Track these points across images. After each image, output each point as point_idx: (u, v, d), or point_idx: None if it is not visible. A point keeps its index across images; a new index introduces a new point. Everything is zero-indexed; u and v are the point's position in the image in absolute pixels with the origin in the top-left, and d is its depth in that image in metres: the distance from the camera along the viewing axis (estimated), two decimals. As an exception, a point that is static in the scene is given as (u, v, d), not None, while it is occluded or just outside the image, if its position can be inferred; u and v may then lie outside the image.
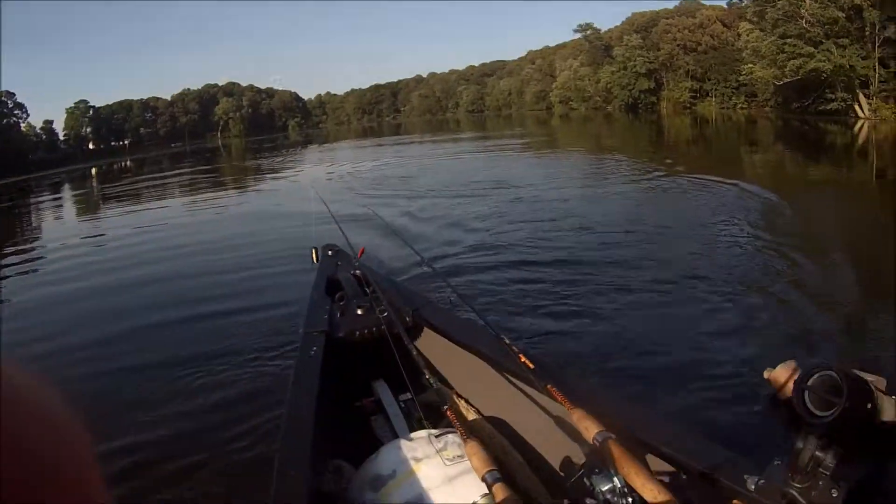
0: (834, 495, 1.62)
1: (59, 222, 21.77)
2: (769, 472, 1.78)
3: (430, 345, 3.64)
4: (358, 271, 4.35)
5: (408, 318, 3.67)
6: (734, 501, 1.90)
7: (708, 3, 66.36)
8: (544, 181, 15.82)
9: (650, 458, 2.24)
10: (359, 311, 3.74)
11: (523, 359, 2.75)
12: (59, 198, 32.00)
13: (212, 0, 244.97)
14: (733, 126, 38.67)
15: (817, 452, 1.61)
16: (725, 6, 64.05)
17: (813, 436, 1.63)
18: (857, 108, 29.08)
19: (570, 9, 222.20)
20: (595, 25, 77.20)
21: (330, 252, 4.97)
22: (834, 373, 1.81)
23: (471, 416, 3.21)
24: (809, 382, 1.91)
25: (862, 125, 27.12)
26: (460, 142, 38.64)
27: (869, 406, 2.69)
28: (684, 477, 2.18)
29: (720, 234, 9.12)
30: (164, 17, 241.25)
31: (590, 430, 2.10)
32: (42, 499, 0.33)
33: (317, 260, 4.76)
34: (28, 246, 15.97)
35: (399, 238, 6.30)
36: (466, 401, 3.36)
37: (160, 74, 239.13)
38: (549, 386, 2.46)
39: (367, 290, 4.06)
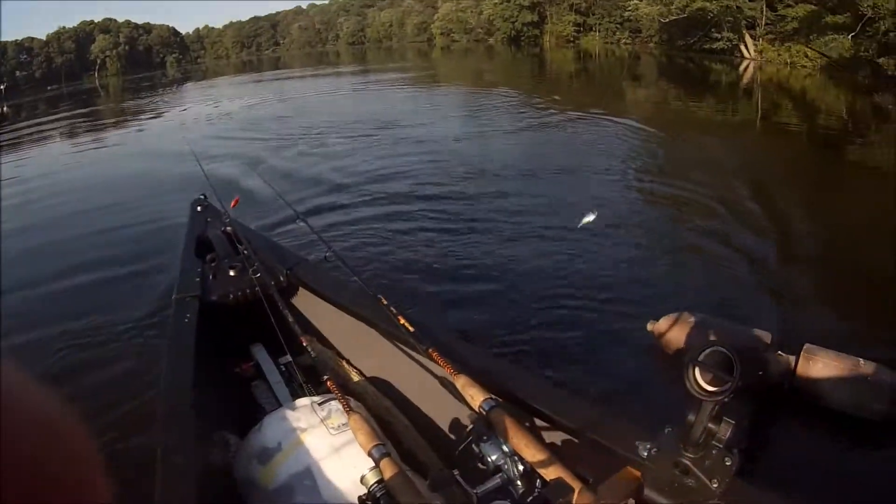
0: (728, 464, 1.61)
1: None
2: (661, 440, 1.72)
3: (307, 305, 3.59)
4: (229, 228, 4.18)
5: (282, 278, 3.59)
6: (626, 468, 1.88)
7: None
8: (426, 119, 15.56)
9: (539, 424, 2.25)
10: (231, 273, 3.63)
11: (402, 321, 2.70)
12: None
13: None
14: (616, 61, 39.13)
15: (710, 425, 1.59)
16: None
17: (705, 409, 1.57)
18: (742, 48, 29.06)
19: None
20: (478, -44, 76.42)
21: (199, 207, 4.67)
22: (725, 350, 1.51)
23: (353, 377, 3.17)
24: (700, 358, 1.53)
25: (747, 66, 27.12)
26: (341, 76, 38.03)
27: (760, 373, 2.72)
28: (576, 443, 2.17)
29: (605, 177, 9.02)
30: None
31: (475, 397, 2.11)
32: (43, 500, 0.34)
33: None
34: None
35: (271, 188, 5.66)
36: (348, 362, 3.31)
37: (35, 13, 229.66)
38: (430, 350, 2.46)
39: (238, 248, 3.89)
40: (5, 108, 56.79)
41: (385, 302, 2.87)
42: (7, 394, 0.33)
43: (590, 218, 3.61)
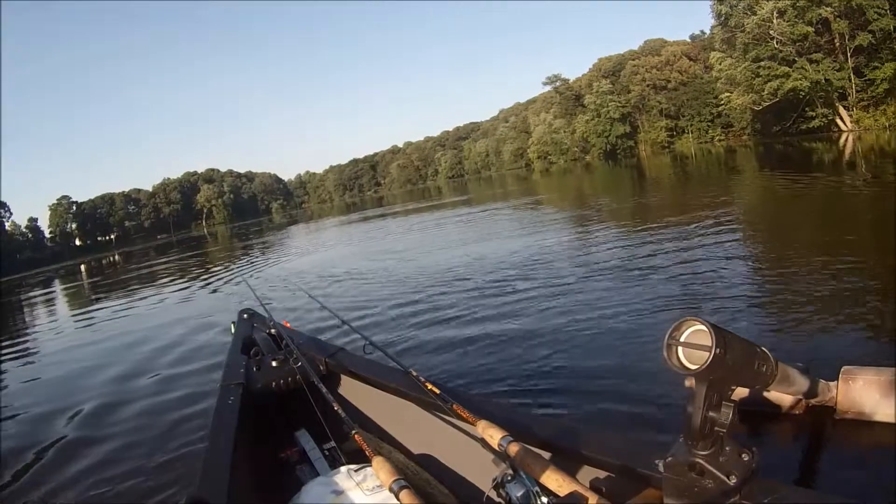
0: (745, 459, 1.59)
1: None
2: (675, 448, 1.70)
3: (347, 389, 3.79)
4: (273, 330, 4.49)
5: (321, 367, 3.79)
6: (648, 489, 1.93)
7: (671, 39, 67.66)
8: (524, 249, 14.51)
9: (559, 457, 2.23)
10: (273, 364, 3.82)
11: (429, 386, 2.90)
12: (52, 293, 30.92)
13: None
14: (714, 159, 37.67)
15: (710, 413, 1.58)
16: (689, 40, 65.42)
17: (699, 393, 1.57)
18: (838, 121, 28.94)
19: (535, 58, 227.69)
20: (563, 76, 78.45)
21: (245, 315, 5.09)
22: (702, 324, 1.56)
23: (396, 454, 3.22)
24: (682, 339, 1.62)
25: (846, 137, 26.77)
26: (444, 208, 37.49)
27: (758, 366, 2.19)
28: (597, 470, 2.20)
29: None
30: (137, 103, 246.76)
31: (494, 436, 2.20)
32: None
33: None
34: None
35: (319, 303, 6.02)
36: (389, 439, 3.44)
37: (138, 163, 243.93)
38: (454, 406, 2.61)
39: (281, 345, 4.16)
40: (117, 256, 60.24)
41: (414, 373, 3.10)
42: None
43: None
